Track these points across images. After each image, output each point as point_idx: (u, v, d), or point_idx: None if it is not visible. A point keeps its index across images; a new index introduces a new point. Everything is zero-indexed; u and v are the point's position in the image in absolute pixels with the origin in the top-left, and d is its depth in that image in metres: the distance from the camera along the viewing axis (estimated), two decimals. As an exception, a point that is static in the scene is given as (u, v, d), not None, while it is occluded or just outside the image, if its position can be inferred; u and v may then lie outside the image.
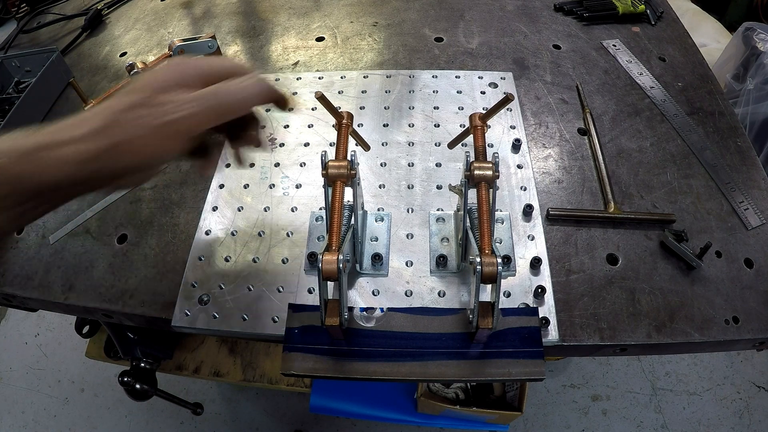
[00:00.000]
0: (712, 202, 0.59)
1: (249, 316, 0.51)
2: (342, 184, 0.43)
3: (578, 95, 0.70)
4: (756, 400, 1.40)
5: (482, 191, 0.42)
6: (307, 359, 0.45)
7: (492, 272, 0.39)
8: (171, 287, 0.54)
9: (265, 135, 0.66)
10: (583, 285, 0.52)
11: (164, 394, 0.96)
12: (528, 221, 0.56)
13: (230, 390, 1.46)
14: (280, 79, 0.73)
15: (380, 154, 0.63)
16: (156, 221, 0.59)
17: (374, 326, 0.47)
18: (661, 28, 0.82)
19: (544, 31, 0.81)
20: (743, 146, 0.65)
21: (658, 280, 0.53)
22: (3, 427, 1.43)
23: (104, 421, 1.43)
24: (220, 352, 1.12)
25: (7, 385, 1.51)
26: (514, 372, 0.44)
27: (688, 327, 0.50)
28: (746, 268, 0.54)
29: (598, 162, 0.61)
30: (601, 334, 0.49)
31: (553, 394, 1.43)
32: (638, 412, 1.39)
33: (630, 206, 0.58)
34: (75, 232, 0.60)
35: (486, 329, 0.42)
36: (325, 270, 0.39)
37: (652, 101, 0.70)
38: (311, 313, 0.47)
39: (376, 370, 0.45)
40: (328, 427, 1.38)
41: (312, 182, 0.61)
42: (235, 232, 0.57)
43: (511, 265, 0.53)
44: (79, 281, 0.56)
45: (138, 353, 0.92)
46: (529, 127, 0.66)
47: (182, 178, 0.63)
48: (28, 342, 1.58)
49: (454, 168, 0.61)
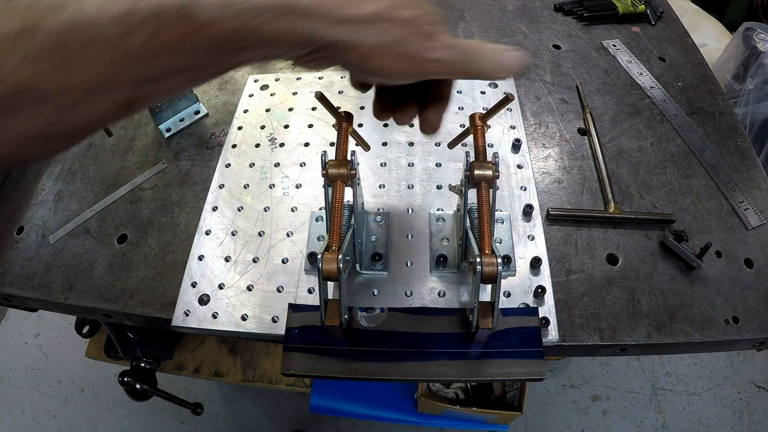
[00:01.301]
0: (712, 202, 0.59)
1: (249, 316, 0.51)
2: (342, 184, 0.43)
3: (578, 95, 0.70)
4: (756, 400, 1.40)
5: (482, 191, 0.42)
6: (307, 359, 0.45)
7: (492, 272, 0.39)
8: (171, 287, 0.54)
9: (265, 135, 0.66)
10: (583, 285, 0.52)
11: (164, 394, 0.96)
12: (528, 221, 0.56)
13: (230, 390, 1.46)
14: (280, 79, 0.73)
15: (380, 154, 0.63)
16: (156, 221, 0.59)
17: (374, 326, 0.47)
18: (661, 28, 0.82)
19: (544, 31, 0.81)
20: (743, 146, 0.65)
21: (658, 280, 0.53)
22: (3, 427, 1.43)
23: (104, 421, 1.43)
24: (220, 352, 1.12)
25: (7, 385, 1.51)
26: (514, 372, 0.44)
27: (688, 327, 0.50)
28: (746, 268, 0.54)
29: (598, 162, 0.62)
30: (601, 334, 0.49)
31: (553, 394, 1.43)
32: (638, 412, 1.39)
33: (630, 206, 0.58)
34: (75, 232, 0.60)
35: (486, 329, 0.42)
36: (325, 270, 0.39)
37: (652, 101, 0.70)
38: (311, 313, 0.47)
39: (376, 370, 0.45)
40: (328, 427, 1.38)
41: (312, 182, 0.61)
42: (235, 232, 0.57)
43: (511, 265, 0.53)
44: (79, 281, 0.56)
45: (138, 353, 0.92)
46: (529, 127, 0.66)
47: (182, 178, 0.63)
48: (28, 342, 1.58)
49: (454, 168, 0.61)
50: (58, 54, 0.24)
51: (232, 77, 0.75)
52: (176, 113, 0.69)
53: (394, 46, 0.31)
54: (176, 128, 0.68)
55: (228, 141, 0.66)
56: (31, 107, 0.25)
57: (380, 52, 0.31)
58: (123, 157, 0.67)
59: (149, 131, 0.69)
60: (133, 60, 0.26)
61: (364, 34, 0.30)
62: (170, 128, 0.68)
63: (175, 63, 0.27)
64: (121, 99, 0.27)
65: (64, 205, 0.63)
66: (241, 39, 0.27)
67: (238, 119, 0.68)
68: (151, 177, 0.64)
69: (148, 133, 0.69)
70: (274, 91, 0.71)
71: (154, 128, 0.69)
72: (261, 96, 0.71)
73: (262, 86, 0.72)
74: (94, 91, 0.26)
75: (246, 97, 0.71)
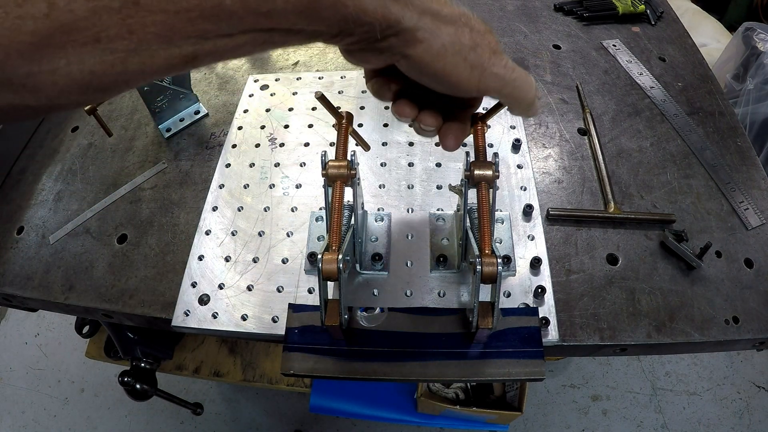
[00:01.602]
0: (712, 202, 0.59)
1: (249, 316, 0.51)
2: (342, 184, 0.43)
3: (578, 95, 0.70)
4: (756, 400, 1.40)
5: (482, 191, 0.42)
6: (307, 359, 0.45)
7: (492, 272, 0.39)
8: (171, 287, 0.54)
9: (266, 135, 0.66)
10: (583, 285, 0.52)
11: (164, 394, 0.96)
12: (528, 221, 0.56)
13: (230, 390, 1.46)
14: (280, 79, 0.73)
15: (380, 154, 0.63)
16: (156, 221, 0.59)
17: (374, 326, 0.47)
18: (661, 28, 0.82)
19: (544, 31, 0.81)
20: (743, 146, 0.65)
21: (658, 280, 0.53)
22: (3, 427, 1.43)
23: (104, 421, 1.43)
24: (220, 352, 1.12)
25: (7, 385, 1.51)
26: (514, 372, 0.44)
27: (688, 327, 0.50)
28: (746, 268, 0.54)
29: (598, 162, 0.61)
30: (601, 334, 0.49)
31: (553, 394, 1.43)
32: (638, 412, 1.39)
33: (630, 206, 0.58)
34: (75, 232, 0.60)
35: (486, 329, 0.42)
36: (325, 270, 0.39)
37: (652, 101, 0.70)
38: (311, 313, 0.47)
39: (376, 370, 0.45)
40: (328, 427, 1.38)
41: (312, 182, 0.61)
42: (235, 232, 0.57)
43: (511, 265, 0.53)
44: (79, 281, 0.56)
45: (138, 353, 0.92)
46: (529, 127, 0.66)
47: (182, 178, 0.63)
48: (28, 342, 1.58)
49: (454, 168, 0.61)
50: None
51: (232, 77, 0.75)
52: (176, 113, 0.69)
53: (465, 50, 0.31)
54: (176, 128, 0.68)
55: (228, 141, 0.66)
56: (80, 48, 0.22)
57: (450, 53, 0.31)
58: (123, 157, 0.67)
59: (149, 131, 0.69)
60: (203, 10, 0.23)
61: (442, 31, 0.30)
62: (170, 128, 0.68)
63: (248, 22, 0.25)
64: (181, 53, 0.25)
65: (64, 205, 0.63)
66: (328, 7, 0.26)
67: (238, 119, 0.68)
68: (151, 177, 0.64)
69: (148, 133, 0.69)
70: (274, 91, 0.71)
71: (154, 128, 0.69)
72: (261, 96, 0.71)
73: (262, 86, 0.72)
74: (152, 41, 0.23)
75: (246, 97, 0.71)
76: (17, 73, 0.21)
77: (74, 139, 0.71)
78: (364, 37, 0.29)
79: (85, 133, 0.71)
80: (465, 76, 0.32)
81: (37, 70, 0.22)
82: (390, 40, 0.30)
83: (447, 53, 0.31)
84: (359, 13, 0.27)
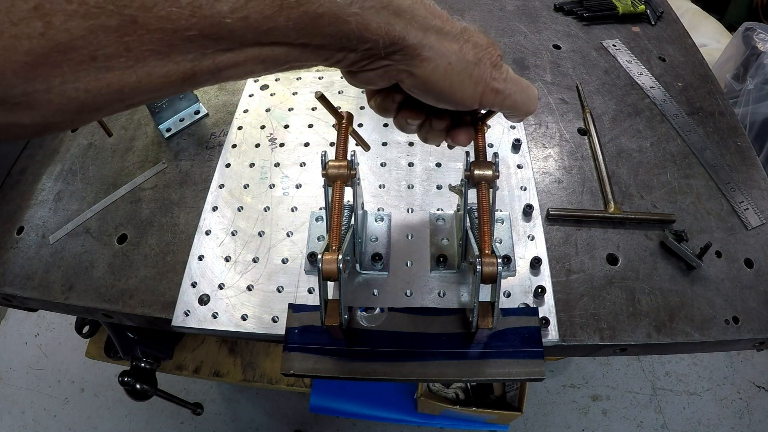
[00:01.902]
0: (712, 202, 0.59)
1: (249, 316, 0.51)
2: (342, 184, 0.43)
3: (578, 95, 0.70)
4: (756, 400, 1.40)
5: (482, 191, 0.42)
6: (307, 359, 0.45)
7: (492, 272, 0.39)
8: (171, 287, 0.54)
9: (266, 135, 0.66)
10: (583, 285, 0.52)
11: (164, 394, 0.96)
12: (528, 221, 0.56)
13: (230, 390, 1.46)
14: (280, 78, 0.73)
15: (380, 154, 0.63)
16: (156, 221, 0.59)
17: (374, 326, 0.47)
18: (661, 28, 0.82)
19: (544, 31, 0.81)
20: (743, 146, 0.65)
21: (658, 280, 0.53)
22: (3, 427, 1.43)
23: (104, 421, 1.43)
24: (220, 352, 1.12)
25: (7, 385, 1.51)
26: (514, 372, 0.44)
27: (688, 327, 0.50)
28: (746, 268, 0.54)
29: (598, 162, 0.61)
30: (601, 334, 0.49)
31: (553, 394, 1.43)
32: (638, 412, 1.39)
33: (630, 206, 0.58)
34: (75, 232, 0.60)
35: (486, 329, 0.42)
36: (325, 270, 0.39)
37: (652, 101, 0.70)
38: (311, 313, 0.47)
39: (376, 370, 0.45)
40: (328, 427, 1.38)
41: (312, 182, 0.61)
42: (235, 232, 0.57)
43: (511, 265, 0.53)
44: (79, 281, 0.56)
45: (138, 353, 0.92)
46: (529, 127, 0.66)
47: (182, 178, 0.63)
48: (28, 342, 1.58)
49: (454, 168, 0.61)
50: (119, 13, 0.21)
51: (232, 77, 0.75)
52: (176, 113, 0.69)
53: (470, 67, 0.32)
54: (176, 128, 0.68)
55: (228, 141, 0.66)
56: (76, 67, 0.22)
57: (456, 71, 0.31)
58: (123, 157, 0.67)
59: (149, 131, 0.69)
60: (203, 29, 0.23)
61: (447, 49, 0.30)
62: (170, 128, 0.68)
63: (248, 40, 0.25)
64: (179, 70, 0.24)
65: (64, 205, 0.63)
66: (330, 23, 0.26)
67: (238, 119, 0.68)
68: (151, 177, 0.64)
69: (148, 133, 0.69)
70: (274, 91, 0.71)
71: (154, 128, 0.69)
72: (261, 96, 0.71)
73: (262, 86, 0.72)
74: (150, 58, 0.23)
75: (246, 97, 0.71)
76: (12, 92, 0.21)
77: (74, 139, 0.71)
78: (367, 55, 0.29)
79: (85, 133, 0.71)
80: (469, 93, 0.33)
81: (32, 89, 0.21)
82: (393, 57, 0.30)
83: (453, 71, 0.31)
84: (362, 30, 0.27)
